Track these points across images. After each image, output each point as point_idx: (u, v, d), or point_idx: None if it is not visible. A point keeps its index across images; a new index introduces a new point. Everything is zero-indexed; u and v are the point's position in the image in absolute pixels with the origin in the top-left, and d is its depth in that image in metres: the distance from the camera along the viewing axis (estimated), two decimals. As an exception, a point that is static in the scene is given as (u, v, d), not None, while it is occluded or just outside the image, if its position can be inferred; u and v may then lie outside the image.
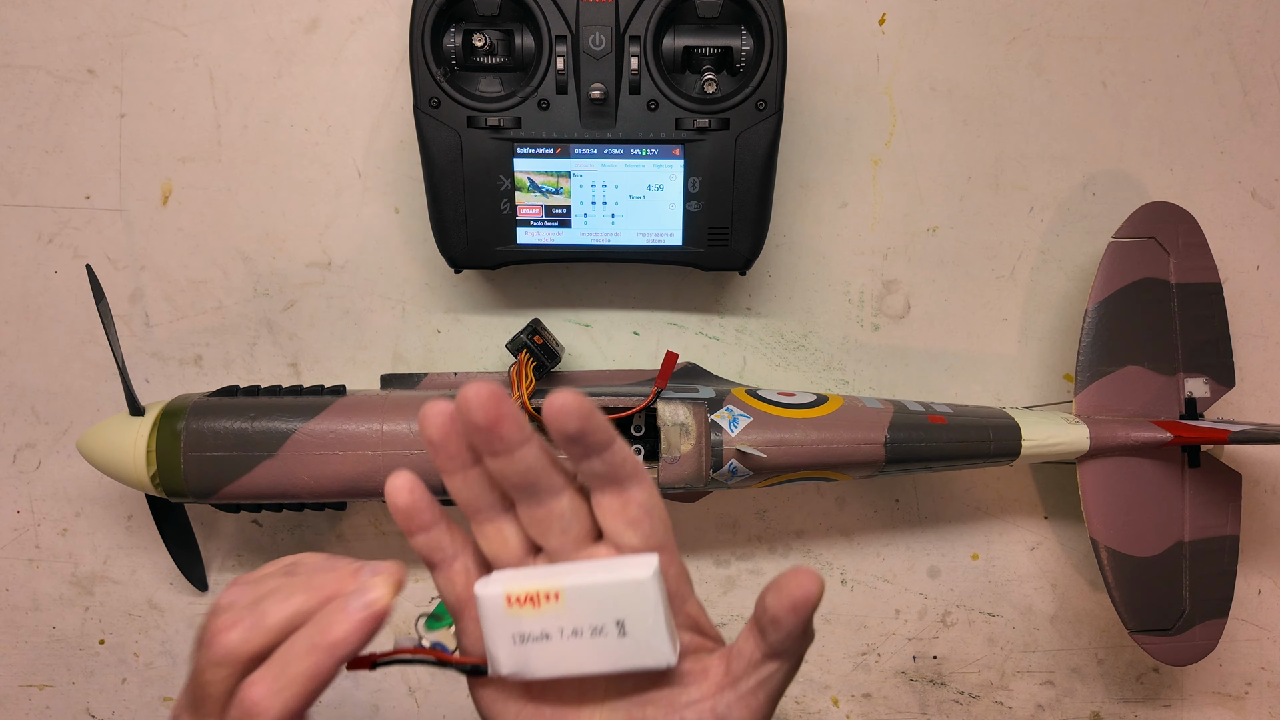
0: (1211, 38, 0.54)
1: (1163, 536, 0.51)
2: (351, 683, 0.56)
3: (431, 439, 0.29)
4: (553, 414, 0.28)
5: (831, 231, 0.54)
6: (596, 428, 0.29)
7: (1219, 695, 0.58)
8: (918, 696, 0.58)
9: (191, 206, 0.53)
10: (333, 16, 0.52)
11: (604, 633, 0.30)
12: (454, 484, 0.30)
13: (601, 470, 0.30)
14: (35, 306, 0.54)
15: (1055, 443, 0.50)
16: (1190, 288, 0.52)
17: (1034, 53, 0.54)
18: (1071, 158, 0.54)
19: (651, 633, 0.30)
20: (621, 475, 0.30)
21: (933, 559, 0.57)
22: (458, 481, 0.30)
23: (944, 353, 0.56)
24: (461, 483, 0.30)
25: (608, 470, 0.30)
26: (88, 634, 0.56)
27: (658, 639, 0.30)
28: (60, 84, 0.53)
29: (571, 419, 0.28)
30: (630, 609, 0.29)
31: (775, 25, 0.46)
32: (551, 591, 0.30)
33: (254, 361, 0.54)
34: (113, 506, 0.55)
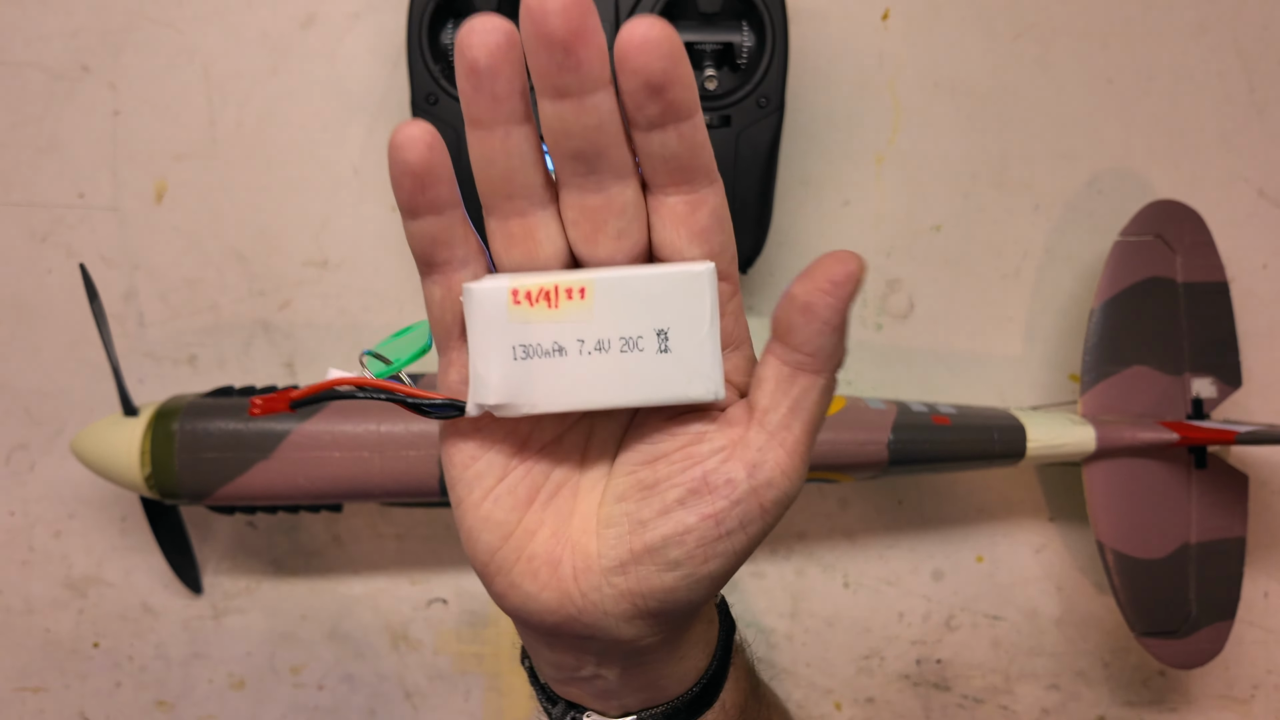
0: (1218, 34, 0.54)
1: (1169, 539, 0.51)
2: (348, 687, 0.56)
3: (475, 63, 0.21)
4: (632, 47, 0.21)
5: (834, 230, 0.54)
6: (684, 79, 0.21)
7: (1225, 699, 0.58)
8: (921, 701, 0.57)
9: (186, 205, 0.53)
10: (329, 12, 0.52)
11: (639, 346, 0.23)
12: (489, 146, 0.22)
13: (676, 150, 0.22)
14: (28, 306, 0.53)
15: (1061, 444, 0.49)
16: (1197, 287, 0.51)
17: (1039, 49, 0.53)
18: (1077, 155, 0.54)
19: (701, 349, 0.23)
20: (695, 165, 0.23)
21: (937, 561, 0.56)
22: (497, 142, 0.22)
23: (948, 352, 0.55)
24: (502, 146, 0.22)
25: (683, 152, 0.22)
26: (81, 637, 0.55)
27: (707, 359, 0.23)
28: (54, 81, 0.52)
29: (657, 55, 0.21)
30: (678, 314, 0.23)
31: (777, 21, 0.46)
32: (576, 286, 0.23)
33: (249, 361, 0.54)
34: (107, 508, 0.55)
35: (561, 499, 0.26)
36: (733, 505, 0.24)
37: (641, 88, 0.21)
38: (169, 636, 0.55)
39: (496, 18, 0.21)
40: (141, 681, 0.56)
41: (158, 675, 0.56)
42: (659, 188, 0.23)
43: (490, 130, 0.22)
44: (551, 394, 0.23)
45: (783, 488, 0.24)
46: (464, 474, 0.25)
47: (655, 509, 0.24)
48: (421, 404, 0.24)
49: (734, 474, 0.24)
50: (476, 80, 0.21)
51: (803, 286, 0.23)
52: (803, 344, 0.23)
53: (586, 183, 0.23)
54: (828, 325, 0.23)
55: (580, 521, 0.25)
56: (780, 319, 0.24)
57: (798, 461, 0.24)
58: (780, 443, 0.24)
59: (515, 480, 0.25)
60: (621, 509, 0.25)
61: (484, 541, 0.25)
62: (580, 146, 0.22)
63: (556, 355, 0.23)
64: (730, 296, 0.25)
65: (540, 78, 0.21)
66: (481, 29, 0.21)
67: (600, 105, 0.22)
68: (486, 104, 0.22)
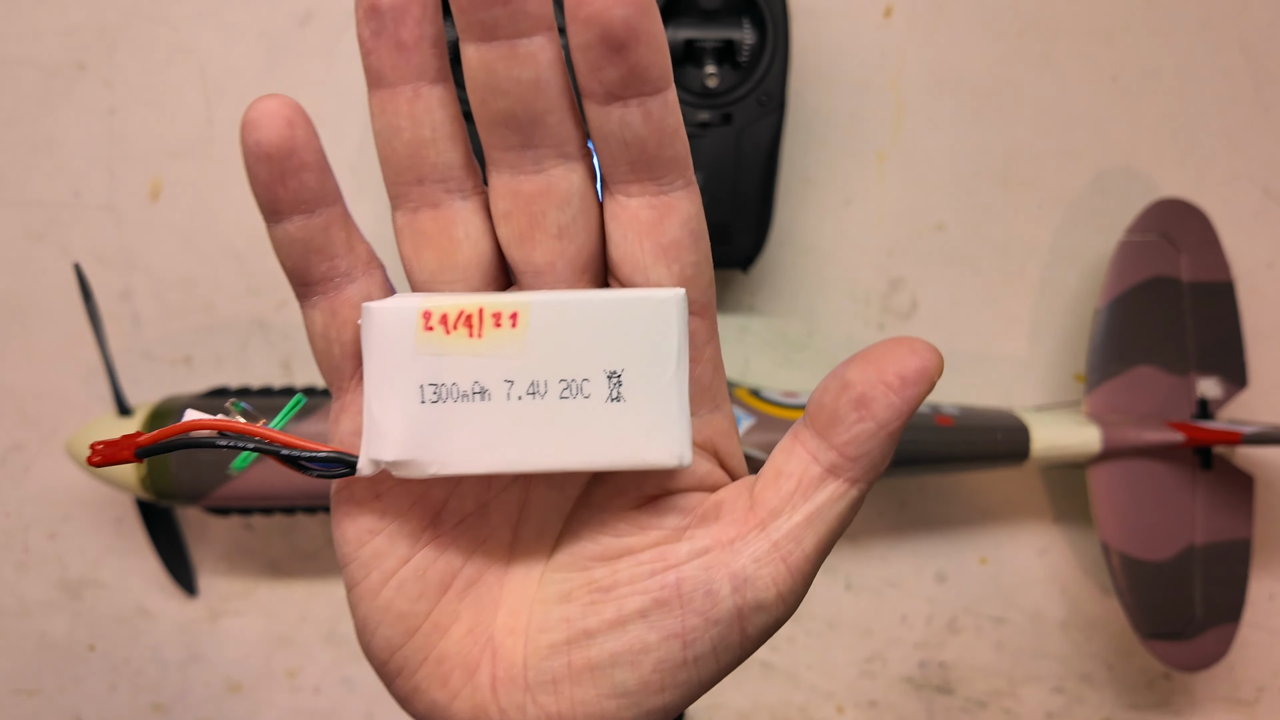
0: (1222, 32, 0.53)
1: (1174, 540, 0.51)
2: (346, 690, 0.55)
3: (376, 1, 0.17)
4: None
5: (836, 229, 0.54)
6: (653, 37, 0.17)
7: (1230, 701, 0.57)
8: (925, 704, 0.57)
9: (182, 203, 0.52)
10: (326, 10, 0.51)
11: (584, 392, 0.18)
12: (393, 111, 0.18)
13: (640, 132, 0.17)
14: (23, 306, 0.53)
15: (1066, 444, 0.49)
16: (1202, 286, 0.51)
17: (1043, 46, 0.53)
18: (1081, 153, 0.54)
19: (664, 399, 0.18)
20: (664, 157, 0.18)
21: (940, 563, 0.56)
22: (402, 105, 0.18)
23: (951, 352, 0.55)
24: (408, 110, 0.18)
25: (649, 136, 0.18)
26: (77, 639, 0.55)
27: (671, 413, 0.18)
28: (49, 78, 0.52)
29: (619, 0, 0.16)
30: (636, 352, 0.18)
31: (779, 18, 0.45)
32: (506, 310, 0.18)
33: (246, 361, 0.53)
34: (102, 510, 0.54)
35: (484, 588, 0.21)
36: (708, 625, 0.19)
37: (597, 41, 0.17)
38: (165, 639, 0.55)
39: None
40: (137, 684, 0.55)
41: (154, 678, 0.55)
42: (617, 182, 0.18)
43: (394, 90, 0.18)
44: (468, 450, 0.18)
45: (775, 614, 0.19)
46: (358, 551, 0.20)
47: (607, 618, 0.19)
48: (300, 457, 0.18)
49: (716, 586, 0.19)
50: (378, 23, 0.17)
51: (863, 374, 0.18)
52: (847, 445, 0.19)
53: (521, 160, 0.18)
54: (883, 429, 0.18)
55: (507, 619, 0.20)
56: (824, 406, 0.19)
57: (799, 584, 0.19)
58: (784, 557, 0.19)
59: (424, 562, 0.20)
60: (562, 612, 0.20)
61: (382, 636, 0.20)
62: (511, 108, 0.17)
63: (477, 399, 0.18)
64: (708, 339, 0.20)
65: (463, 13, 0.17)
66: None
67: (539, 54, 0.17)
68: (389, 54, 0.17)
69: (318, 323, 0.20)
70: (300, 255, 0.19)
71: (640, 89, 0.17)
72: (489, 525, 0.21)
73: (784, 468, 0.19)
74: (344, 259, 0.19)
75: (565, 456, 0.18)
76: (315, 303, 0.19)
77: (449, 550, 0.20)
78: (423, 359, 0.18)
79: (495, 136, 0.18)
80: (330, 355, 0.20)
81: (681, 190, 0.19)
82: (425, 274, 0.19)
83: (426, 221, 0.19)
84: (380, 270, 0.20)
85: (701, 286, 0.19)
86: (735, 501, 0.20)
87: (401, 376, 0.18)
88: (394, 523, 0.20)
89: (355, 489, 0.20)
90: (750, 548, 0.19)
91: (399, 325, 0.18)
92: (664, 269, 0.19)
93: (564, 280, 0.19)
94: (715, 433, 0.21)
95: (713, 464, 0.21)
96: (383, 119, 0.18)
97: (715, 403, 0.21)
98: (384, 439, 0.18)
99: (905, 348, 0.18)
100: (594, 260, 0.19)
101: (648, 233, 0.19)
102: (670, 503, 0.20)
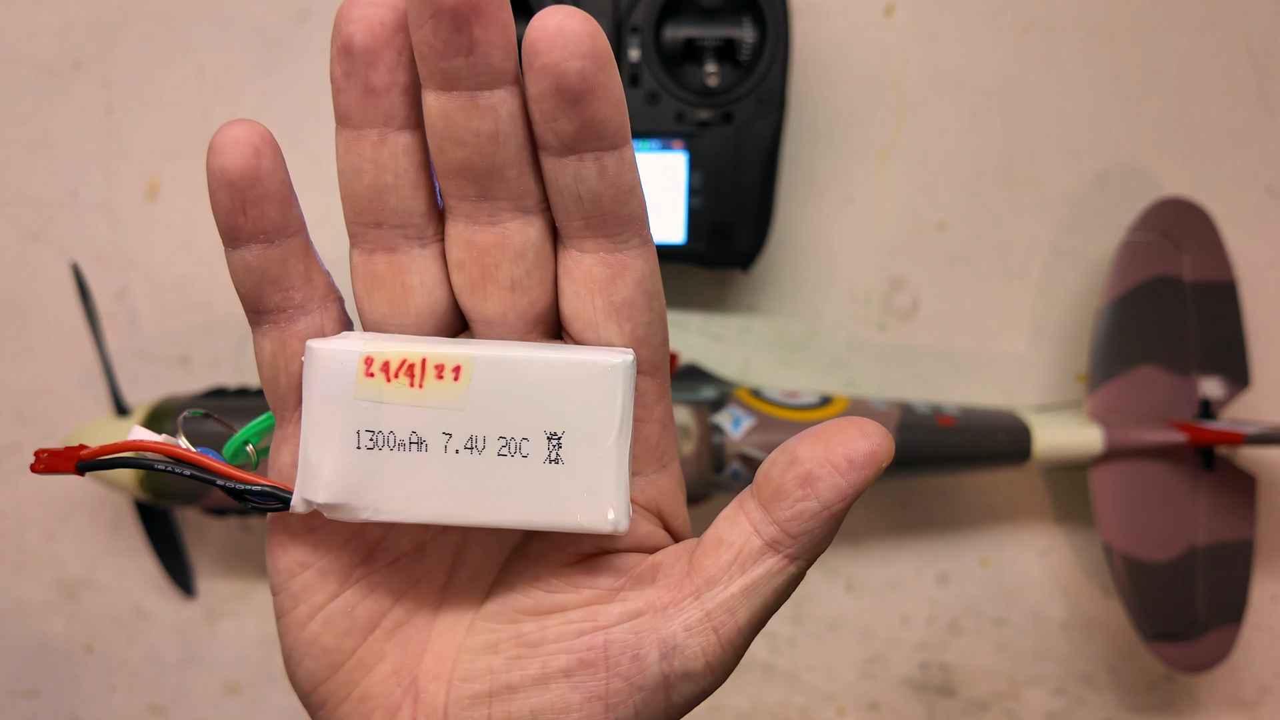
0: (1225, 30, 0.53)
1: (1176, 541, 0.50)
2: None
3: (350, 42, 0.17)
4: (543, 38, 0.16)
5: (837, 228, 0.53)
6: (610, 91, 0.17)
7: (1232, 703, 0.57)
8: (926, 706, 0.56)
9: (179, 202, 0.52)
10: (324, 7, 0.51)
11: (522, 451, 0.18)
12: (357, 153, 0.18)
13: (595, 188, 0.18)
14: (20, 305, 0.53)
15: (1068, 445, 0.49)
16: (1205, 286, 0.51)
17: (1045, 44, 0.53)
18: (1083, 152, 0.53)
19: (603, 465, 0.18)
20: (619, 214, 0.18)
21: (941, 565, 0.56)
22: (367, 149, 0.18)
23: (953, 352, 0.54)
24: (372, 155, 0.18)
25: (605, 193, 0.18)
26: (74, 641, 0.55)
27: (609, 479, 0.18)
28: (46, 77, 0.52)
29: (574, 51, 0.16)
30: (578, 415, 0.18)
31: (779, 16, 0.45)
32: (450, 362, 0.18)
33: (243, 361, 0.53)
34: (99, 511, 0.54)
35: (412, 630, 0.20)
36: (633, 691, 0.19)
37: (552, 92, 0.16)
38: (162, 640, 0.55)
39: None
40: (134, 686, 0.55)
41: (151, 680, 0.55)
42: (571, 238, 0.18)
43: (360, 132, 0.18)
44: (401, 499, 0.18)
45: (702, 684, 0.19)
46: (288, 582, 0.20)
47: (531, 674, 0.19)
48: (238, 488, 0.18)
49: (645, 652, 0.19)
50: (350, 64, 0.17)
51: (812, 451, 0.18)
52: (789, 521, 0.18)
53: (477, 211, 0.18)
54: (827, 510, 0.18)
55: (432, 664, 0.20)
56: (771, 479, 0.19)
57: (729, 656, 0.19)
58: (716, 627, 0.19)
59: (354, 598, 0.20)
60: (487, 663, 0.20)
61: (306, 669, 0.20)
62: (469, 159, 0.17)
63: (414, 449, 0.18)
64: (658, 399, 0.20)
65: (424, 60, 0.17)
66: (367, 2, 0.17)
67: (498, 107, 0.17)
68: (358, 96, 0.17)
69: (266, 351, 0.19)
70: (255, 284, 0.19)
71: (596, 144, 0.17)
72: (423, 567, 0.21)
73: (725, 536, 0.19)
74: (299, 291, 0.19)
75: (499, 513, 0.18)
76: (265, 331, 0.19)
77: (380, 589, 0.20)
78: (361, 404, 0.18)
79: (452, 185, 0.18)
80: (276, 385, 0.19)
81: (637, 249, 0.19)
82: (376, 315, 0.19)
83: (381, 265, 0.19)
84: (337, 304, 0.20)
85: (653, 346, 0.19)
86: (673, 565, 0.20)
87: (339, 420, 0.18)
88: (326, 557, 0.20)
89: (289, 521, 0.20)
90: (683, 615, 0.19)
91: (340, 368, 0.18)
92: (615, 327, 0.19)
93: (515, 332, 0.19)
94: (659, 493, 0.21)
95: (655, 524, 0.21)
96: (346, 159, 0.18)
97: (662, 462, 0.20)
98: (317, 480, 0.18)
99: (856, 429, 0.18)
100: (547, 313, 0.19)
101: (600, 290, 0.18)
102: (606, 562, 0.20)
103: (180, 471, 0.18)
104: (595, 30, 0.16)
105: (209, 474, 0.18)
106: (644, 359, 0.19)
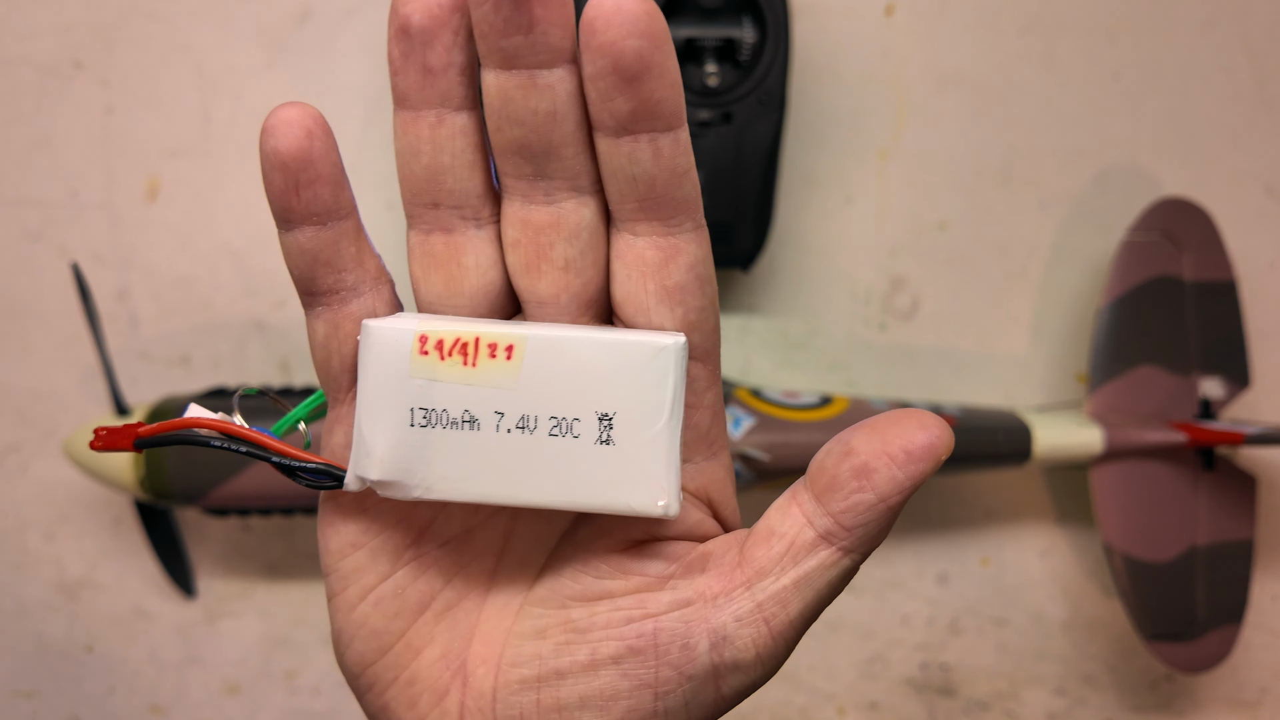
0: (1225, 29, 0.53)
1: (1177, 541, 0.50)
2: (344, 692, 0.55)
3: (408, 23, 0.17)
4: (600, 18, 0.16)
5: (837, 228, 0.53)
6: (666, 71, 0.17)
7: (1233, 703, 0.57)
8: (926, 706, 0.56)
9: (179, 202, 0.52)
10: (324, 7, 0.51)
11: (573, 432, 0.18)
12: (415, 134, 0.18)
13: (649, 169, 0.18)
14: (20, 305, 0.53)
15: (1068, 445, 0.49)
16: (1205, 286, 0.51)
17: (1045, 44, 0.53)
18: (1083, 152, 0.53)
19: (654, 447, 0.18)
20: (673, 198, 0.18)
21: (941, 565, 0.56)
22: (424, 129, 0.18)
23: (953, 352, 0.54)
24: (430, 135, 0.18)
25: (659, 175, 0.18)
26: (74, 641, 0.55)
27: (660, 462, 0.18)
28: (46, 77, 0.52)
29: (631, 31, 0.16)
30: (629, 397, 0.18)
31: (779, 16, 0.45)
32: (503, 342, 0.18)
33: (244, 361, 0.53)
34: (99, 511, 0.54)
35: (461, 613, 0.21)
36: (682, 680, 0.19)
37: (609, 71, 0.16)
38: (163, 641, 0.55)
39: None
40: (135, 686, 0.55)
41: (151, 680, 0.55)
42: (624, 221, 0.18)
43: (418, 113, 0.18)
44: (453, 478, 0.18)
45: (752, 676, 0.19)
46: (339, 563, 0.20)
47: (580, 660, 0.19)
48: (292, 465, 0.18)
49: (694, 641, 0.19)
50: (407, 44, 0.17)
51: (868, 442, 0.18)
52: (843, 513, 0.18)
53: (533, 190, 0.18)
54: (883, 503, 0.18)
55: (481, 648, 0.20)
56: (825, 470, 0.18)
57: (780, 649, 0.19)
58: (767, 619, 0.18)
59: (404, 580, 0.20)
60: (535, 648, 0.20)
61: (356, 651, 0.20)
62: (526, 138, 0.18)
63: (466, 428, 0.18)
64: (709, 386, 0.20)
65: (484, 39, 0.17)
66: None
67: (556, 86, 0.17)
68: (416, 77, 0.18)
69: (319, 333, 0.20)
70: (308, 265, 0.19)
71: (651, 124, 0.17)
72: (473, 551, 0.21)
73: (777, 527, 0.19)
74: (352, 273, 0.19)
75: (549, 494, 0.18)
76: (319, 313, 0.19)
77: (430, 571, 0.20)
78: (415, 382, 0.18)
79: (509, 164, 0.18)
80: (329, 366, 0.20)
81: (690, 233, 0.19)
82: (431, 296, 0.19)
83: (438, 245, 0.19)
84: (389, 286, 0.20)
85: (705, 332, 0.19)
86: (724, 555, 0.19)
87: (393, 397, 0.18)
88: (378, 538, 0.20)
89: (342, 501, 0.20)
90: (734, 605, 0.19)
91: (395, 346, 0.18)
92: (667, 311, 0.19)
93: (567, 314, 0.19)
94: (710, 481, 0.20)
95: (705, 513, 0.21)
96: (404, 140, 0.18)
97: (712, 450, 0.20)
98: (371, 458, 0.18)
99: (915, 421, 0.18)
100: (599, 297, 0.19)
101: (652, 274, 0.18)
102: (656, 549, 0.20)
103: (236, 448, 0.18)
104: (653, 10, 0.16)
105: (264, 451, 0.19)
106: (696, 344, 0.19)
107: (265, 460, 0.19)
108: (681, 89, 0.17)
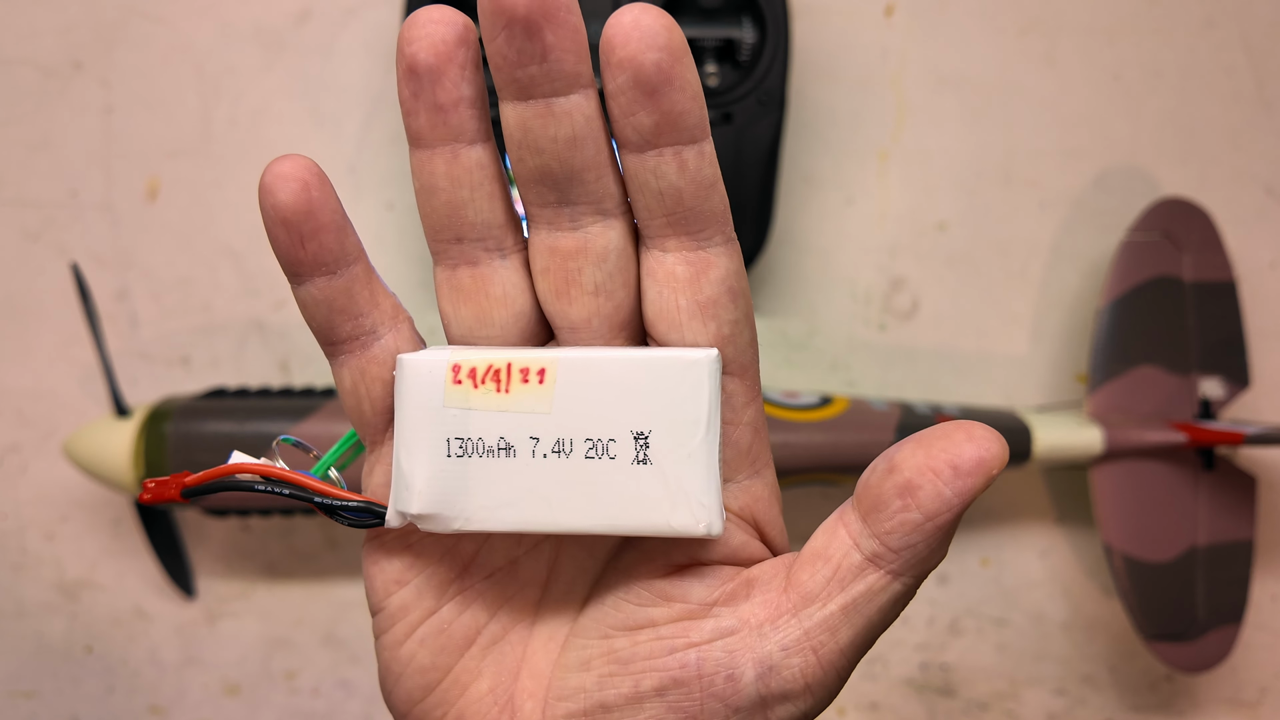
0: (1226, 30, 0.53)
1: (1176, 541, 0.50)
2: (344, 692, 0.55)
3: (415, 62, 0.17)
4: (619, 34, 0.16)
5: (837, 228, 0.53)
6: (687, 83, 0.17)
7: (1233, 703, 0.57)
8: (926, 706, 0.56)
9: (179, 203, 0.52)
10: (324, 8, 0.51)
11: (610, 453, 0.17)
12: (431, 172, 0.18)
13: (675, 183, 0.17)
14: (20, 306, 0.53)
15: (1068, 445, 0.49)
16: (1205, 286, 0.51)
17: (1045, 44, 0.53)
18: (1083, 152, 0.53)
19: (692, 464, 0.17)
20: (702, 211, 0.18)
21: (941, 565, 0.56)
22: (440, 166, 0.18)
23: (953, 352, 0.54)
24: (446, 171, 0.18)
25: (686, 188, 0.17)
26: (74, 641, 0.55)
27: (699, 479, 0.17)
28: (45, 78, 0.51)
29: (651, 44, 0.16)
30: (665, 414, 0.17)
31: (779, 16, 0.45)
32: (534, 366, 0.18)
33: (243, 362, 0.53)
34: (99, 511, 0.54)
35: (508, 646, 0.20)
36: (728, 713, 0.18)
37: (630, 85, 0.16)
38: (162, 641, 0.55)
39: (448, 9, 0.17)
40: (134, 686, 0.55)
41: (151, 680, 0.55)
42: (653, 238, 0.18)
43: (432, 150, 0.18)
44: (491, 507, 0.18)
45: (802, 707, 0.18)
46: (385, 602, 0.20)
47: (624, 692, 0.19)
48: (334, 505, 0.19)
49: (740, 671, 0.18)
50: (416, 84, 0.17)
51: (912, 457, 0.17)
52: (889, 534, 0.17)
53: (558, 217, 0.18)
54: (930, 522, 0.17)
55: (528, 681, 0.20)
56: (870, 488, 0.18)
57: (831, 679, 0.18)
58: (815, 648, 0.18)
59: (450, 615, 0.20)
60: (580, 680, 0.19)
61: (404, 689, 0.20)
62: (548, 166, 0.17)
63: (502, 455, 0.17)
64: (748, 402, 0.19)
65: (499, 71, 0.17)
66: (427, 20, 0.17)
67: (574, 111, 0.17)
68: (427, 115, 0.18)
69: (347, 381, 0.20)
70: (325, 316, 0.19)
71: (675, 137, 0.17)
72: (518, 582, 0.20)
73: (824, 549, 0.18)
74: (369, 316, 0.19)
75: (589, 518, 0.18)
76: (343, 361, 0.19)
77: (475, 605, 0.20)
78: (450, 412, 0.18)
79: (533, 193, 0.18)
80: (361, 412, 0.20)
81: (720, 246, 0.18)
82: (463, 330, 0.19)
83: (465, 279, 0.19)
84: (407, 323, 0.20)
85: (740, 346, 0.19)
86: (770, 580, 0.19)
87: (429, 429, 0.18)
88: (422, 574, 0.20)
89: (385, 538, 0.20)
90: (779, 633, 0.18)
91: (429, 378, 0.18)
92: (700, 327, 0.18)
93: (600, 337, 0.19)
94: (753, 500, 0.20)
95: (750, 534, 0.20)
96: (421, 178, 0.19)
97: (755, 468, 0.20)
98: (410, 491, 0.18)
99: (963, 433, 0.17)
100: (631, 318, 0.19)
101: (684, 289, 0.18)
102: (699, 574, 0.19)
103: (280, 491, 0.19)
104: (671, 25, 0.16)
105: (306, 492, 0.19)
106: (730, 359, 0.19)
107: (308, 501, 0.19)
108: (703, 101, 0.17)
